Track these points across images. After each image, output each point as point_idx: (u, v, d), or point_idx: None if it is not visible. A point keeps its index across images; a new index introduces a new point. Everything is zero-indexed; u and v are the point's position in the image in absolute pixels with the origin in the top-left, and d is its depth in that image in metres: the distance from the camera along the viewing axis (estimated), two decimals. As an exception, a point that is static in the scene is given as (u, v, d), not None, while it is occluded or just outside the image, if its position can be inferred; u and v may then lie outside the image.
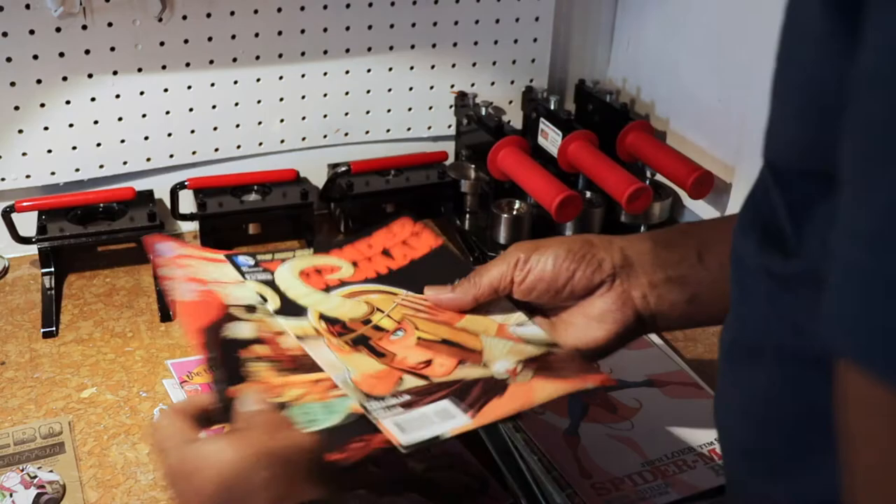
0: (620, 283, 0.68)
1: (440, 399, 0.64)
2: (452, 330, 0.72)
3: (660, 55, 1.16)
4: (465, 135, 1.19)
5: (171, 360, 0.88)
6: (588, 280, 0.68)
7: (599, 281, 0.68)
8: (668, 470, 0.76)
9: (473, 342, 0.71)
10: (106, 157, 1.07)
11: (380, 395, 0.64)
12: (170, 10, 1.01)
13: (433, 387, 0.65)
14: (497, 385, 0.65)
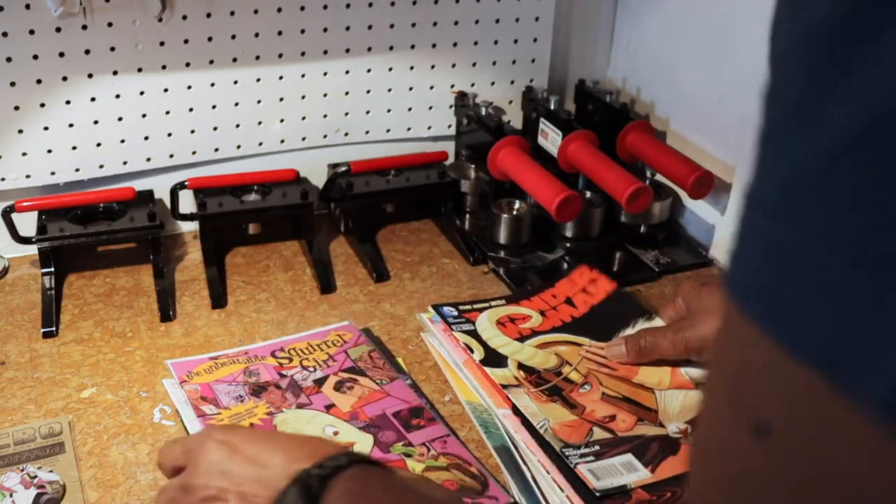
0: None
1: (624, 452, 0.76)
2: (631, 387, 0.84)
3: (660, 55, 1.16)
4: (465, 135, 1.19)
5: (171, 360, 0.88)
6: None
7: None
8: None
9: (650, 400, 0.83)
10: (106, 157, 1.07)
11: (575, 443, 0.76)
12: (170, 10, 1.01)
13: (618, 440, 0.77)
14: (671, 444, 0.77)
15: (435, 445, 0.77)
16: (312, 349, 0.88)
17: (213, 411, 0.78)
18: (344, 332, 0.91)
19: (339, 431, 0.77)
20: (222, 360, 0.84)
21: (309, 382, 0.83)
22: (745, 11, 1.00)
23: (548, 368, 0.86)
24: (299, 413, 0.79)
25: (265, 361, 0.85)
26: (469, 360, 0.87)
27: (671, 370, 0.86)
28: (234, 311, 0.99)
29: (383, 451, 0.75)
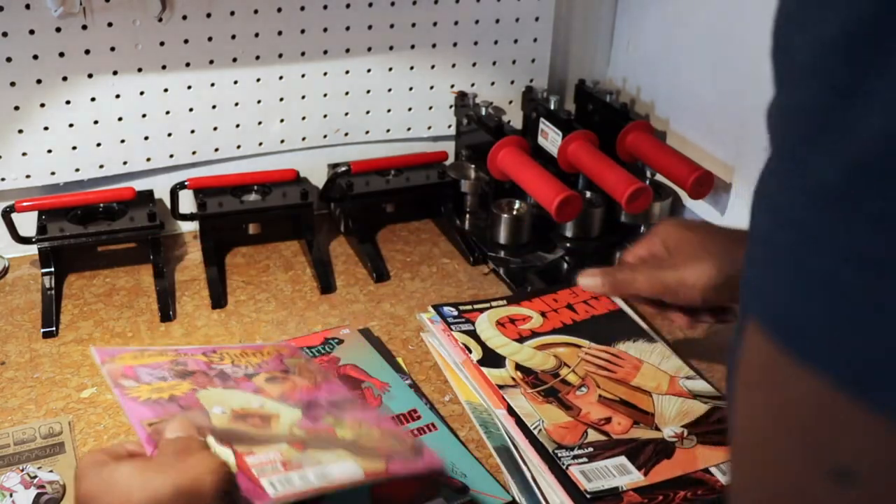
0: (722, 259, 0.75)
1: (618, 455, 0.76)
2: (628, 389, 0.84)
3: (660, 55, 1.16)
4: (465, 135, 1.19)
5: (95, 347, 0.77)
6: (717, 314, 0.77)
7: (724, 312, 0.78)
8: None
9: (647, 404, 0.82)
10: (106, 157, 1.07)
11: (569, 444, 0.76)
12: (170, 10, 1.01)
13: (612, 443, 0.77)
14: (666, 448, 0.77)
15: (369, 421, 0.73)
16: (246, 355, 0.83)
17: (134, 384, 0.71)
18: (282, 348, 0.86)
19: (264, 405, 0.71)
20: (149, 353, 0.78)
21: (239, 374, 0.77)
22: (745, 12, 1.00)
23: (545, 370, 0.86)
24: (224, 391, 0.74)
25: (195, 358, 0.79)
26: (467, 360, 0.87)
27: (670, 378, 0.86)
28: (234, 311, 0.99)
29: (313, 420, 0.71)
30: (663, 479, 0.74)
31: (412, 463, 0.68)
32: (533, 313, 0.95)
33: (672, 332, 0.95)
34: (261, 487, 0.58)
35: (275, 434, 0.65)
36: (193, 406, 0.66)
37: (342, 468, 0.63)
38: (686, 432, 0.79)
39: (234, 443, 0.62)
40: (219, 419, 0.65)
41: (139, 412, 0.64)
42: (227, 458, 0.60)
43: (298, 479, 0.60)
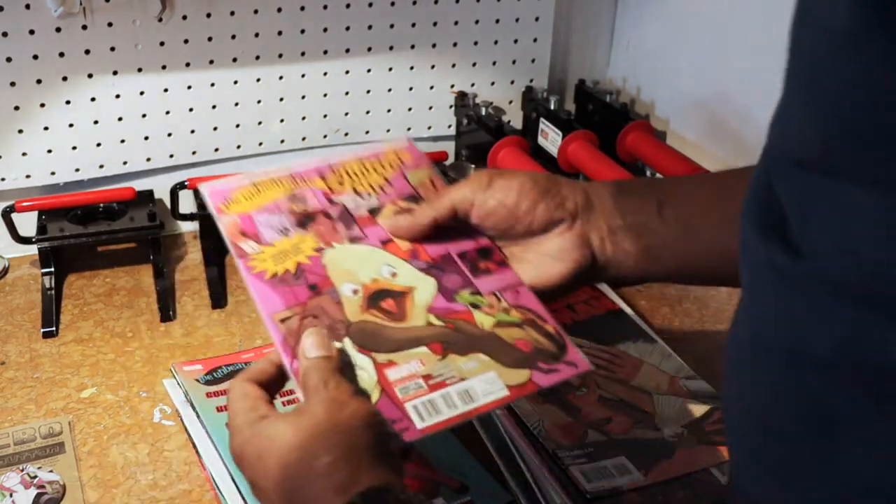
0: (580, 223, 0.67)
1: (618, 455, 0.75)
2: (628, 389, 0.83)
3: (660, 55, 1.16)
4: (465, 135, 1.19)
5: (207, 186, 0.72)
6: (549, 215, 0.67)
7: (560, 218, 0.67)
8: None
9: (647, 404, 0.82)
10: (106, 157, 1.07)
11: (569, 444, 0.76)
12: (170, 10, 1.01)
13: (612, 443, 0.77)
14: (667, 448, 0.77)
15: (506, 295, 0.67)
16: (366, 170, 0.75)
17: (255, 249, 0.66)
18: (402, 152, 0.77)
19: (397, 272, 0.67)
20: (264, 182, 0.72)
21: (363, 212, 0.71)
22: (746, 12, 1.00)
23: None
24: (352, 249, 0.68)
25: (312, 184, 0.72)
26: None
27: (670, 378, 0.86)
28: (234, 311, 0.99)
29: (448, 298, 0.66)
30: (663, 479, 0.74)
31: (558, 369, 0.64)
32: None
33: (672, 332, 0.95)
34: (407, 417, 0.57)
35: (412, 328, 0.63)
36: (324, 287, 0.64)
37: (485, 384, 0.61)
38: (686, 432, 0.79)
39: (372, 348, 0.61)
40: (352, 306, 0.63)
41: (270, 302, 0.62)
42: (369, 377, 0.59)
43: (443, 402, 0.59)
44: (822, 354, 0.36)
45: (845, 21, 0.33)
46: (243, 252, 0.66)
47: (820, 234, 0.38)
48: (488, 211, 0.68)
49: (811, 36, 0.37)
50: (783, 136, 0.40)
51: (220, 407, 0.81)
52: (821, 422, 0.40)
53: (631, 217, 0.67)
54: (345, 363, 0.59)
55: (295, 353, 0.59)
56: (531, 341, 0.65)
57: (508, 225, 0.69)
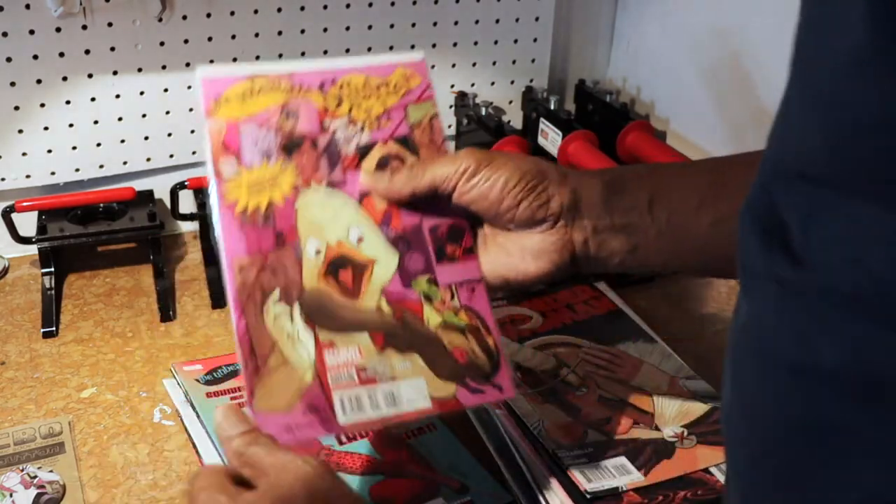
0: (564, 224, 0.66)
1: (618, 455, 0.76)
2: (628, 389, 0.84)
3: (660, 55, 1.17)
4: (465, 135, 1.19)
5: (204, 73, 0.67)
6: (532, 214, 0.66)
7: (542, 217, 0.66)
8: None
9: (647, 404, 0.82)
10: (106, 157, 1.07)
11: (569, 444, 0.76)
12: (170, 10, 1.01)
13: (612, 443, 0.77)
14: (667, 448, 0.77)
15: (461, 292, 0.67)
16: (369, 91, 0.71)
17: (233, 171, 0.64)
18: (412, 74, 0.73)
19: (364, 238, 0.65)
20: (260, 82, 0.67)
21: (351, 149, 0.68)
22: (746, 12, 1.00)
23: (545, 370, 0.86)
24: (328, 195, 0.66)
25: (309, 97, 0.68)
26: None
27: (670, 378, 0.86)
28: (234, 311, 0.99)
29: (405, 282, 0.65)
30: (663, 479, 0.74)
31: (484, 390, 0.63)
32: (533, 313, 0.95)
33: (672, 332, 0.95)
34: (332, 408, 0.58)
35: (361, 310, 0.63)
36: (289, 237, 0.63)
37: (412, 390, 0.61)
38: (686, 432, 0.79)
39: (318, 322, 0.61)
40: (310, 269, 0.62)
41: (234, 243, 0.61)
42: (308, 355, 0.59)
43: (368, 400, 0.59)
44: (828, 366, 0.36)
45: (859, 38, 0.33)
46: (221, 176, 0.63)
47: (824, 246, 0.37)
48: (470, 199, 0.67)
49: (819, 49, 0.36)
50: (784, 147, 0.40)
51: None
52: (825, 432, 0.39)
53: (619, 217, 0.66)
54: (287, 333, 0.60)
55: (244, 311, 0.60)
56: (468, 352, 0.64)
57: (489, 215, 0.67)
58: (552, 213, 0.66)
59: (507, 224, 0.67)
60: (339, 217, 0.65)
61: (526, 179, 0.66)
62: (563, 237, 0.66)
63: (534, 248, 0.67)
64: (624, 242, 0.66)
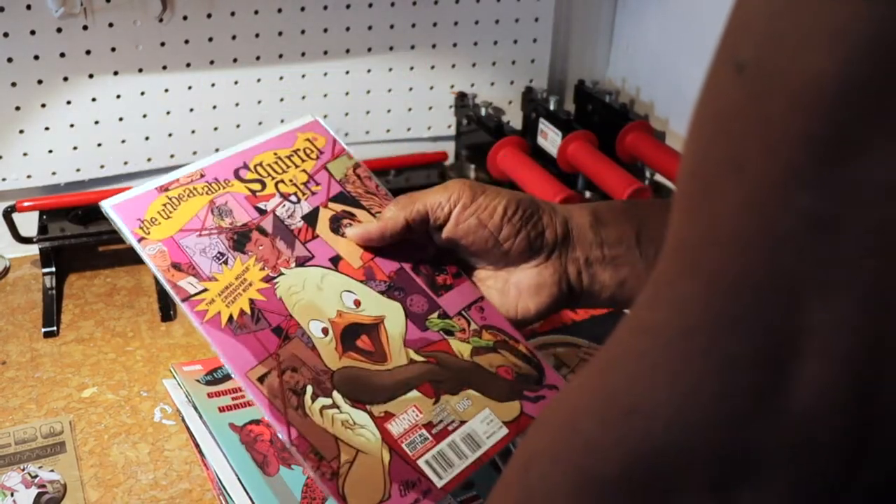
0: (559, 256, 0.65)
1: None
2: None
3: (660, 55, 1.17)
4: (464, 135, 1.20)
5: (110, 203, 0.64)
6: (530, 244, 0.65)
7: (538, 248, 0.65)
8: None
9: None
10: (107, 158, 1.07)
11: None
12: (170, 10, 1.01)
13: None
14: None
15: (473, 315, 0.66)
16: (284, 164, 0.70)
17: (197, 287, 0.61)
18: (314, 136, 0.72)
19: (360, 300, 0.64)
20: (175, 190, 0.65)
21: (298, 222, 0.67)
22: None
23: None
24: (305, 273, 0.64)
25: (231, 189, 0.66)
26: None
27: None
28: (234, 311, 0.99)
29: (420, 327, 0.64)
30: None
31: (544, 395, 0.62)
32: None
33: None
34: (425, 477, 0.56)
35: (397, 369, 0.61)
36: (290, 329, 0.60)
37: (485, 424, 0.59)
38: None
39: (366, 400, 0.58)
40: (327, 350, 0.60)
41: (238, 356, 0.58)
42: (374, 436, 0.57)
43: (452, 452, 0.57)
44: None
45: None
46: (185, 293, 0.60)
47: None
48: (466, 229, 0.65)
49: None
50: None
51: (221, 407, 0.81)
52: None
53: (609, 249, 0.66)
54: (342, 422, 0.57)
55: (289, 419, 0.56)
56: (511, 367, 0.64)
57: (484, 247, 0.66)
58: (548, 244, 0.65)
59: (502, 257, 0.66)
60: (325, 290, 0.64)
61: (523, 208, 0.66)
62: (559, 270, 0.66)
63: (531, 283, 0.66)
64: (613, 275, 0.66)
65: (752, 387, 0.29)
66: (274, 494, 0.71)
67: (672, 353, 0.31)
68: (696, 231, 0.31)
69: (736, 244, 0.29)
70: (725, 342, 0.30)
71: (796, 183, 0.28)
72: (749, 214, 0.29)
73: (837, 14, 0.26)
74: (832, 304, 0.28)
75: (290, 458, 0.75)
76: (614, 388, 0.33)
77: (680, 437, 0.30)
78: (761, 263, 0.29)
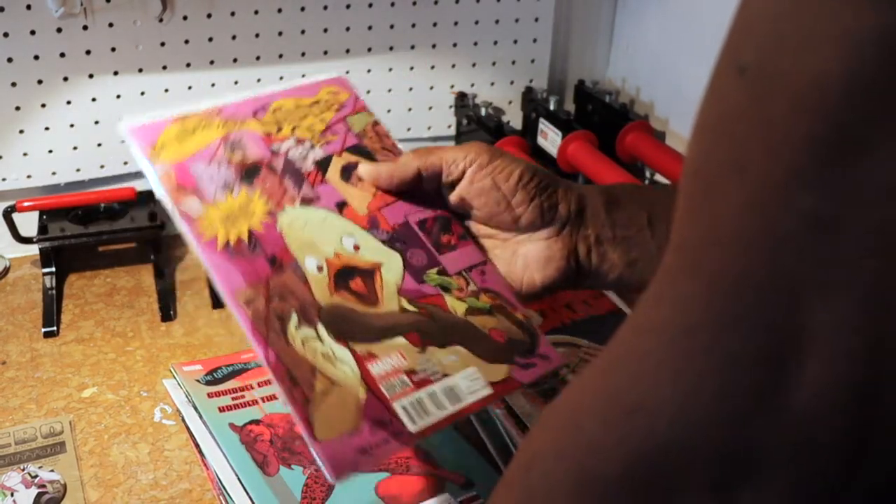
0: (570, 231, 0.65)
1: None
2: None
3: (660, 55, 1.17)
4: (465, 135, 1.20)
5: (130, 124, 0.66)
6: (540, 215, 0.64)
7: (550, 220, 0.65)
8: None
9: None
10: (107, 158, 1.07)
11: None
12: (170, 10, 1.01)
13: None
14: None
15: (473, 276, 0.65)
16: (303, 111, 0.70)
17: (199, 209, 0.61)
18: (338, 90, 0.72)
19: (359, 245, 0.63)
20: (191, 121, 0.66)
21: (309, 164, 0.66)
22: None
23: None
24: (308, 212, 0.64)
25: (247, 127, 0.67)
26: None
27: None
28: (234, 311, 0.99)
29: (417, 279, 0.64)
30: None
31: (535, 363, 0.62)
32: (532, 313, 0.95)
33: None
34: (398, 419, 0.55)
35: (386, 314, 0.60)
36: (285, 260, 0.60)
37: (468, 381, 0.59)
38: None
39: (350, 337, 0.58)
40: (319, 286, 0.60)
41: (229, 277, 0.58)
42: (352, 372, 0.56)
43: (431, 401, 0.57)
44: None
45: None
46: (189, 217, 0.60)
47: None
48: (480, 189, 0.65)
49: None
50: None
51: (222, 407, 0.81)
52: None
53: (620, 230, 0.65)
54: (322, 353, 0.57)
55: (268, 341, 0.56)
56: (504, 331, 0.63)
57: (496, 211, 0.66)
58: (560, 217, 0.65)
59: (512, 223, 0.66)
60: (327, 230, 0.64)
61: (539, 177, 0.65)
62: (569, 245, 0.65)
63: (539, 255, 0.66)
64: (623, 255, 0.65)
65: (754, 385, 0.29)
66: (274, 494, 0.71)
67: (674, 352, 0.31)
68: (698, 231, 0.31)
69: (737, 244, 0.29)
70: (727, 341, 0.30)
71: (798, 184, 0.28)
72: (751, 215, 0.29)
73: (840, 16, 0.26)
74: (833, 304, 0.28)
75: (290, 459, 0.75)
76: (617, 386, 0.33)
77: (682, 436, 0.31)
78: (762, 263, 0.29)
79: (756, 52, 0.29)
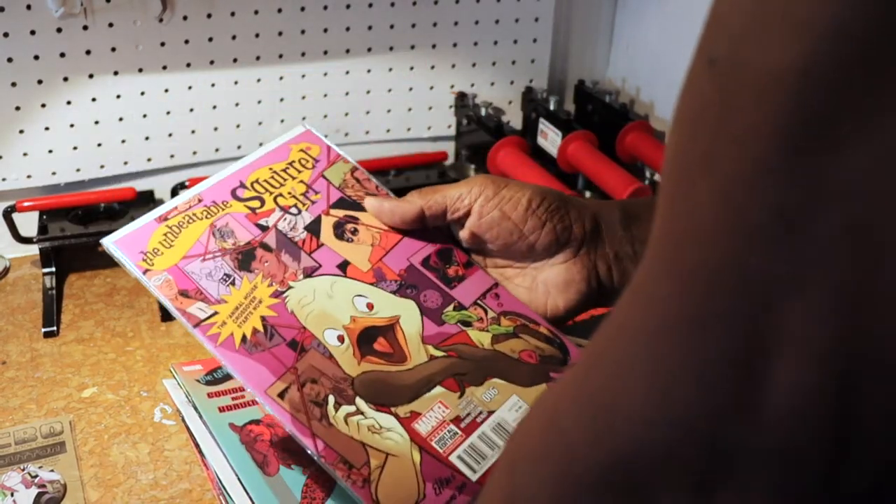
0: (587, 251, 0.64)
1: None
2: None
3: (660, 55, 1.17)
4: (464, 135, 1.20)
5: (112, 240, 0.68)
6: (555, 238, 0.63)
7: (565, 243, 0.64)
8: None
9: None
10: (107, 158, 1.07)
11: None
12: (170, 10, 1.01)
13: None
14: None
15: (489, 302, 0.65)
16: (280, 178, 0.69)
17: (207, 311, 0.60)
18: (308, 145, 0.72)
19: (372, 303, 0.63)
20: (174, 218, 0.65)
21: (301, 233, 0.66)
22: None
23: None
24: (314, 283, 0.63)
25: (230, 210, 0.66)
26: None
27: None
28: (234, 311, 0.99)
29: (436, 321, 0.63)
30: None
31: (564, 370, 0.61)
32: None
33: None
34: (459, 472, 0.55)
35: (417, 367, 0.60)
36: (305, 341, 0.59)
37: (513, 411, 0.58)
38: None
39: (389, 402, 0.57)
40: (345, 358, 0.59)
41: (256, 375, 0.57)
42: (402, 438, 0.56)
43: (483, 444, 0.57)
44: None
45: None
46: (196, 319, 0.59)
47: None
48: (490, 222, 0.64)
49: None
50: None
51: (222, 407, 0.81)
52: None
53: (640, 245, 0.64)
54: (368, 427, 0.56)
55: (314, 432, 0.55)
56: (534, 350, 0.63)
57: (509, 241, 0.65)
58: (576, 238, 0.64)
59: (528, 252, 0.65)
60: (336, 297, 0.63)
61: (549, 200, 0.64)
62: (588, 265, 0.64)
63: (558, 280, 0.65)
64: None
65: (728, 386, 0.29)
66: (274, 494, 0.71)
67: (649, 353, 0.31)
68: (673, 228, 0.31)
69: (709, 241, 0.29)
70: (699, 342, 0.29)
71: (764, 178, 0.27)
72: (721, 210, 0.28)
73: (802, 7, 0.26)
74: (804, 302, 0.28)
75: (289, 458, 0.75)
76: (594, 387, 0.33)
77: (659, 437, 0.30)
78: (733, 261, 0.28)
79: (726, 43, 0.29)
